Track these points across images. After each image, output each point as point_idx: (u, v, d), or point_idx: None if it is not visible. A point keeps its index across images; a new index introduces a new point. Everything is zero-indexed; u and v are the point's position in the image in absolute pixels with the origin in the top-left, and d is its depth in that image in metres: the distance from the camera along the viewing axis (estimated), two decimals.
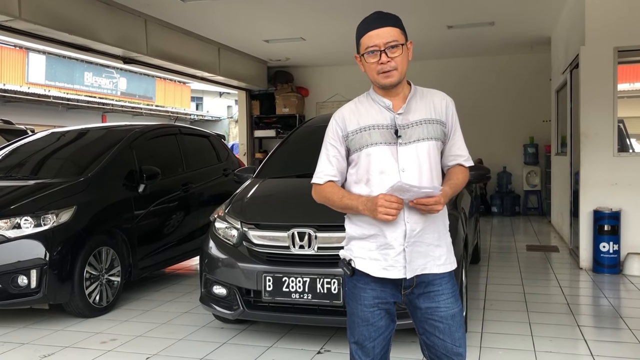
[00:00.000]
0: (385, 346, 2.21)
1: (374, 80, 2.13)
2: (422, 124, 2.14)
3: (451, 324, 2.14)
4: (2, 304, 4.33)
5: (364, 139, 2.12)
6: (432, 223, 2.14)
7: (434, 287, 2.14)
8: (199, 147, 6.73)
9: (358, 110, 2.17)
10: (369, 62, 2.10)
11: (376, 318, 2.16)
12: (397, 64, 2.07)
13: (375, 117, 2.14)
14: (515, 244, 8.14)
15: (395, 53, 2.07)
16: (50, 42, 7.42)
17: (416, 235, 2.09)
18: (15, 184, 4.91)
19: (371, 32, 2.09)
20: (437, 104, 2.21)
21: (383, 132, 2.11)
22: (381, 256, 2.11)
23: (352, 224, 2.20)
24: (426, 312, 2.15)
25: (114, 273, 4.96)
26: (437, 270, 2.14)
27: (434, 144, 2.15)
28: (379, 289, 2.15)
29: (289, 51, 11.22)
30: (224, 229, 4.10)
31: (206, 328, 4.43)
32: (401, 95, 2.16)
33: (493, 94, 11.77)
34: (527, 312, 4.73)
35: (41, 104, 18.31)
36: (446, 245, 2.20)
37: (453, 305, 2.15)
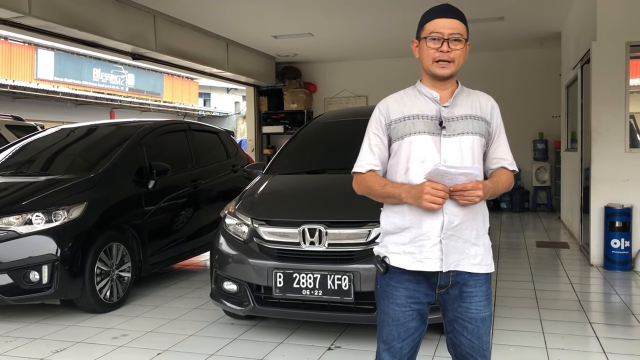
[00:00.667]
0: (414, 347, 2.18)
1: (428, 68, 2.12)
2: (467, 119, 2.14)
3: (480, 326, 2.12)
4: (15, 299, 4.35)
5: (407, 127, 2.11)
6: (472, 219, 2.10)
7: (468, 289, 2.11)
8: (208, 144, 6.73)
9: (403, 101, 2.17)
10: (428, 47, 2.09)
11: (407, 318, 2.12)
12: (455, 57, 2.09)
13: (420, 108, 2.13)
14: (524, 240, 8.10)
15: (457, 46, 2.09)
16: (60, 39, 7.44)
17: (454, 228, 2.05)
18: (27, 180, 4.93)
19: (439, 19, 2.09)
20: (483, 103, 2.21)
21: (427, 122, 2.10)
22: (415, 249, 2.07)
23: (388, 217, 2.16)
24: (457, 311, 2.13)
25: (125, 269, 4.98)
26: (471, 270, 2.10)
27: (478, 139, 2.13)
28: (412, 288, 2.11)
29: (297, 47, 11.20)
30: (234, 225, 4.10)
31: (216, 324, 4.44)
32: (449, 90, 2.16)
33: (502, 90, 11.65)
34: (537, 308, 4.71)
35: (50, 100, 18.41)
36: (484, 246, 2.14)
37: (485, 308, 2.13)
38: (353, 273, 3.59)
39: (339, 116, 5.64)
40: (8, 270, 4.29)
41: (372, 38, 10.40)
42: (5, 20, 6.54)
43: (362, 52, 11.72)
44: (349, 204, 3.92)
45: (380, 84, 12.02)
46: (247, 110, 13.30)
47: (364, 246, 3.67)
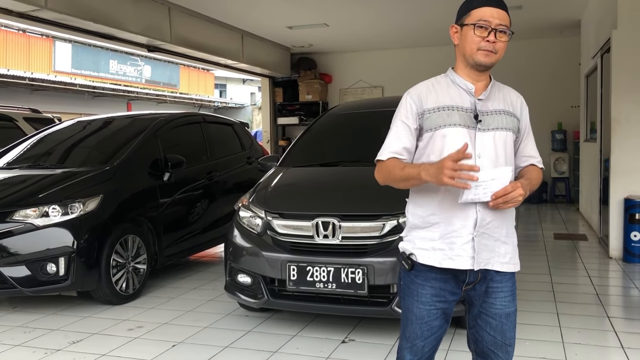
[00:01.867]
0: (435, 346, 2.15)
1: (470, 55, 2.02)
2: (501, 114, 2.08)
3: (504, 322, 2.09)
4: (32, 290, 4.40)
5: (441, 118, 2.02)
6: (502, 218, 2.05)
7: (493, 284, 2.08)
8: (222, 135, 6.73)
9: (435, 89, 2.08)
10: (475, 34, 2.00)
11: (432, 317, 2.07)
12: (499, 49, 2.01)
13: (454, 99, 2.05)
14: (542, 232, 8.02)
15: (503, 38, 2.01)
16: (75, 31, 7.49)
17: (486, 225, 2.00)
18: (43, 172, 4.97)
19: (488, 8, 2.00)
20: (513, 99, 2.16)
21: (462, 115, 2.02)
22: (446, 245, 2.00)
23: (415, 210, 2.10)
24: (482, 307, 2.10)
25: (140, 261, 5.01)
26: (500, 268, 2.06)
27: (511, 135, 2.09)
28: (438, 287, 2.06)
29: (312, 37, 11.15)
30: (248, 217, 4.10)
31: (231, 316, 4.46)
32: (483, 82, 2.09)
33: (520, 79, 11.44)
34: (554, 302, 4.66)
35: (67, 92, 18.55)
36: (512, 244, 2.12)
37: (510, 304, 2.10)
38: (367, 266, 3.57)
39: (354, 108, 5.60)
40: (26, 262, 4.34)
41: (387, 28, 10.31)
42: (22, 14, 6.59)
43: (378, 42, 11.63)
44: (363, 197, 3.92)
45: (396, 74, 11.96)
46: (262, 101, 13.29)
47: (378, 239, 3.65)
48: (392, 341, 3.81)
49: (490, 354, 2.12)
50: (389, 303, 3.60)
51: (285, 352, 3.70)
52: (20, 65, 17.22)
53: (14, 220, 4.40)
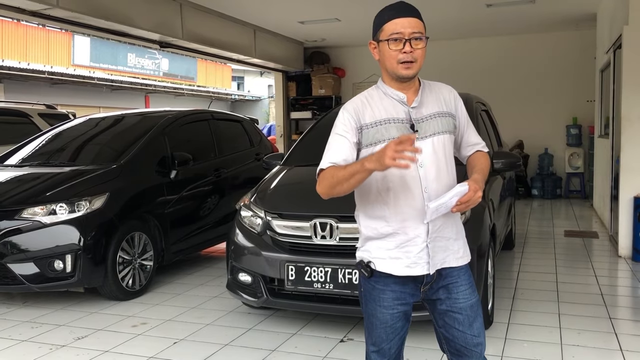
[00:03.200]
0: (400, 346, 2.21)
1: (392, 70, 2.04)
2: (435, 117, 2.11)
3: (470, 314, 2.13)
4: (40, 287, 4.51)
5: (380, 133, 2.04)
6: (451, 217, 2.12)
7: (451, 279, 2.13)
8: (231, 132, 6.79)
9: (369, 103, 2.10)
10: (390, 49, 2.02)
11: (395, 320, 2.13)
12: (417, 57, 2.02)
13: (389, 111, 2.07)
14: (553, 229, 7.96)
15: (419, 45, 2.02)
16: (88, 29, 7.60)
17: (437, 231, 2.08)
18: (52, 171, 5.07)
19: (398, 19, 2.02)
20: (446, 97, 2.19)
21: (399, 127, 2.04)
22: (403, 254, 2.06)
23: (367, 223, 2.13)
24: (445, 303, 2.13)
25: (147, 257, 5.10)
26: (456, 264, 2.14)
27: (448, 137, 2.14)
28: (399, 290, 2.11)
29: (324, 32, 11.14)
30: (249, 217, 4.15)
31: (234, 313, 4.52)
32: (413, 88, 2.11)
33: (535, 73, 11.42)
34: (557, 302, 4.64)
35: (86, 85, 18.81)
36: (462, 238, 2.20)
37: (471, 295, 2.15)
38: None
39: None
40: (34, 259, 4.45)
41: None
42: (34, 12, 6.70)
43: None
44: None
45: None
46: (275, 95, 13.33)
47: None
48: None
49: (464, 350, 2.14)
50: None
51: (283, 350, 3.76)
52: (40, 59, 17.48)
53: (22, 218, 4.51)
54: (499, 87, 11.36)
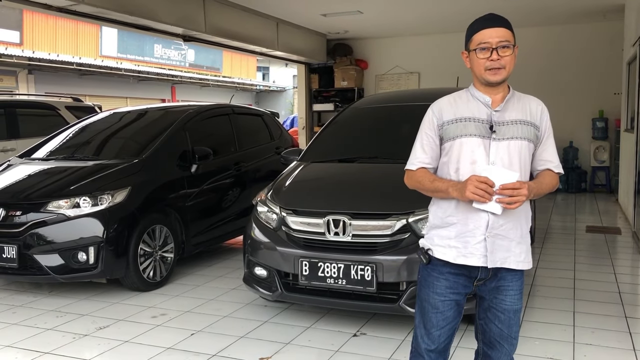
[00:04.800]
0: (450, 337, 2.34)
1: (480, 76, 2.21)
2: (517, 124, 2.22)
3: (511, 317, 2.28)
4: (65, 277, 4.67)
5: (459, 129, 2.22)
6: (516, 220, 2.22)
7: (504, 282, 2.26)
8: (251, 126, 6.87)
9: (456, 103, 2.28)
10: (478, 58, 2.19)
11: (446, 307, 2.27)
12: (505, 63, 2.18)
13: (472, 111, 2.24)
14: (575, 224, 7.88)
15: (506, 53, 2.18)
16: (112, 23, 7.73)
17: (499, 227, 2.18)
18: (76, 165, 5.22)
19: (486, 30, 2.19)
20: (533, 108, 2.28)
21: (478, 125, 2.20)
22: (460, 244, 2.21)
23: (435, 212, 2.31)
24: (492, 302, 2.28)
25: (168, 249, 5.22)
26: (516, 267, 2.24)
27: (526, 144, 2.22)
28: (452, 280, 2.26)
29: (347, 24, 11.13)
30: (265, 212, 4.23)
31: (250, 305, 4.62)
32: (501, 95, 2.25)
33: (561, 65, 11.25)
34: (573, 300, 4.63)
35: (113, 76, 19.08)
36: (526, 244, 2.28)
37: (518, 302, 2.28)
38: (376, 264, 3.66)
39: (377, 102, 5.63)
40: (58, 250, 4.60)
41: (424, 13, 10.20)
42: (61, 8, 6.87)
43: (414, 27, 11.52)
44: (375, 196, 4.00)
45: (433, 60, 11.85)
46: (298, 88, 13.39)
47: (387, 238, 3.72)
48: (402, 336, 3.90)
49: (496, 344, 2.31)
50: (398, 300, 3.68)
51: (297, 343, 3.84)
52: (69, 51, 17.81)
53: (47, 210, 4.67)
54: (523, 80, 11.10)
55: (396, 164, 4.37)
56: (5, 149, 7.32)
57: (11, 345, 3.88)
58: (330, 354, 3.66)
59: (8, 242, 4.65)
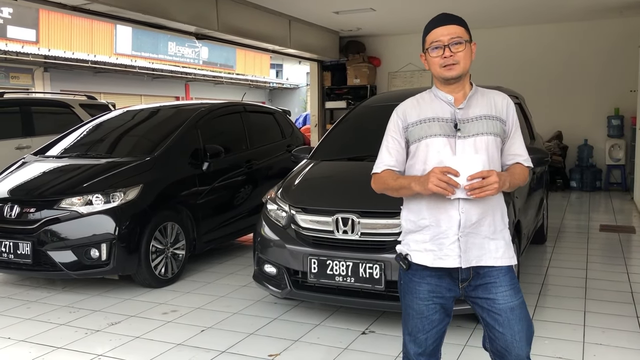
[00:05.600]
0: (438, 339, 2.31)
1: (437, 74, 2.23)
2: (481, 119, 2.22)
3: (510, 317, 2.16)
4: (78, 274, 4.73)
5: (423, 130, 2.21)
6: (489, 216, 2.20)
7: (490, 279, 2.19)
8: (263, 124, 6.90)
9: (419, 104, 2.28)
10: (432, 57, 2.21)
11: (430, 311, 2.24)
12: (459, 59, 2.18)
13: (436, 111, 2.23)
14: (589, 223, 7.82)
15: (459, 49, 2.18)
16: (125, 22, 7.79)
17: (471, 226, 2.16)
18: (89, 162, 5.29)
19: (437, 29, 2.21)
20: (498, 102, 2.27)
21: (442, 125, 2.20)
22: (435, 246, 2.19)
23: (407, 216, 2.30)
24: (485, 303, 2.21)
25: (179, 247, 5.27)
26: (494, 263, 2.19)
27: (493, 139, 2.21)
28: (434, 283, 2.23)
29: (360, 21, 11.11)
30: (274, 210, 4.26)
31: (260, 303, 4.65)
32: (462, 92, 2.25)
33: (576, 62, 11.14)
34: (584, 299, 4.60)
35: (128, 74, 19.22)
36: (504, 239, 2.24)
37: (511, 298, 2.18)
38: (384, 262, 3.66)
39: (388, 100, 5.60)
40: (71, 247, 4.67)
41: (437, 10, 10.02)
42: (75, 7, 6.93)
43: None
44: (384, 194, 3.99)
45: None
46: (310, 85, 13.39)
47: (396, 236, 3.69)
48: None
49: (504, 352, 2.19)
50: None
51: (305, 341, 3.86)
52: (84, 49, 17.97)
53: (61, 207, 4.73)
54: (538, 77, 11.15)
55: None
56: (21, 146, 7.42)
57: (25, 339, 3.95)
58: (338, 352, 3.67)
59: (23, 238, 4.73)
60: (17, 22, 15.86)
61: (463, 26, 2.23)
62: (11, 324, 4.25)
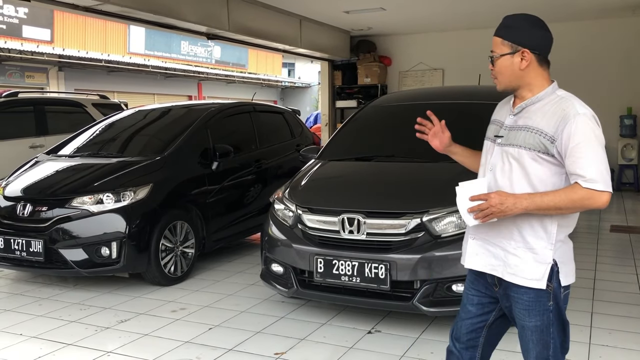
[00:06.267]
0: (472, 333, 2.31)
1: None
2: (522, 130, 2.10)
3: (522, 334, 2.17)
4: (88, 272, 4.81)
5: (488, 130, 2.33)
6: (510, 229, 2.11)
7: (511, 293, 2.16)
8: (272, 124, 6.95)
9: (501, 105, 2.35)
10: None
11: (468, 301, 2.34)
12: (496, 73, 2.17)
13: (500, 113, 2.29)
14: (599, 224, 7.77)
15: (497, 61, 2.16)
16: (137, 22, 7.87)
17: (485, 232, 2.19)
18: (101, 161, 5.37)
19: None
20: (557, 116, 2.03)
21: (496, 128, 2.25)
22: (465, 244, 2.35)
23: None
24: (511, 312, 2.21)
25: (189, 245, 5.33)
26: (507, 278, 2.13)
27: (527, 153, 2.06)
28: (473, 277, 2.34)
29: (370, 21, 11.12)
30: (281, 210, 4.30)
31: (268, 301, 4.69)
32: (522, 99, 2.19)
33: (587, 61, 11.06)
34: (592, 300, 4.59)
35: (141, 73, 19.37)
36: (534, 259, 2.08)
37: (524, 318, 2.12)
38: (390, 262, 3.69)
39: (397, 100, 5.64)
40: (82, 245, 4.74)
41: (448, 9, 10.13)
42: (87, 8, 7.03)
43: (439, 23, 11.44)
44: (389, 194, 4.02)
45: (457, 56, 11.76)
46: (321, 84, 13.43)
47: (401, 237, 3.75)
48: (416, 334, 3.93)
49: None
50: (412, 298, 3.70)
51: (311, 339, 3.90)
52: (97, 48, 18.12)
53: (72, 206, 4.81)
54: (553, 76, 11.07)
55: (412, 163, 4.42)
56: (35, 145, 7.53)
57: (36, 336, 4.02)
58: (344, 351, 3.70)
59: (35, 236, 4.80)
60: (32, 22, 16.04)
61: (502, 36, 2.14)
62: (23, 321, 4.33)
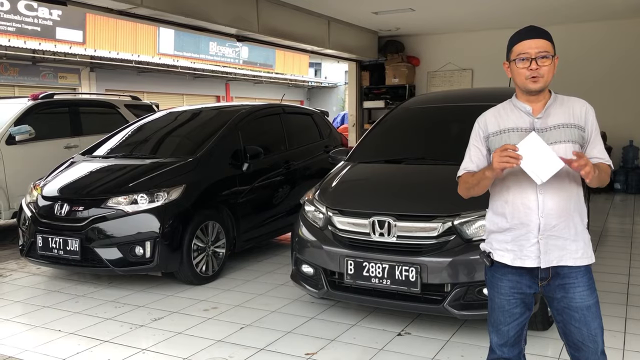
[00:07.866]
0: (520, 330, 2.44)
1: (521, 85, 2.33)
2: (560, 128, 2.30)
3: (586, 314, 2.30)
4: (123, 270, 4.92)
5: (503, 140, 2.32)
6: (568, 219, 2.29)
7: (569, 280, 2.30)
8: (301, 125, 7.00)
9: (499, 115, 2.40)
10: (519, 68, 2.30)
11: (511, 305, 2.39)
12: (544, 73, 2.27)
13: (515, 121, 2.35)
14: (632, 227, 7.64)
15: (545, 63, 2.27)
16: (168, 24, 8.00)
17: (551, 229, 2.27)
18: (134, 163, 5.49)
19: (525, 41, 2.30)
20: (576, 110, 2.34)
21: (522, 135, 2.26)
22: (516, 247, 2.33)
23: (492, 220, 2.45)
24: (562, 302, 2.32)
25: (220, 245, 5.41)
26: (573, 263, 2.29)
27: (571, 146, 2.27)
28: (515, 280, 2.37)
29: (399, 21, 11.10)
30: (312, 212, 4.34)
31: (298, 302, 4.74)
32: (542, 102, 2.35)
33: (621, 62, 10.87)
34: (626, 305, 4.53)
35: (170, 73, 19.64)
36: (583, 240, 2.33)
37: (588, 297, 2.30)
38: (420, 265, 3.70)
39: (427, 102, 5.64)
40: (117, 244, 4.85)
41: (476, 9, 10.05)
42: (121, 11, 7.16)
43: (467, 24, 11.36)
44: (420, 197, 4.03)
45: (486, 57, 11.62)
46: (348, 85, 13.44)
47: (432, 240, 3.75)
48: (446, 336, 3.93)
49: (580, 345, 2.33)
50: (442, 301, 3.71)
51: (341, 340, 3.93)
52: (128, 49, 18.44)
53: (108, 206, 4.93)
54: (583, 77, 10.90)
55: (443, 166, 4.41)
56: (69, 145, 7.71)
57: (74, 332, 4.14)
58: (374, 352, 3.73)
59: (72, 235, 4.94)
60: (65, 24, 16.40)
61: (550, 40, 2.31)
62: (61, 317, 4.46)
